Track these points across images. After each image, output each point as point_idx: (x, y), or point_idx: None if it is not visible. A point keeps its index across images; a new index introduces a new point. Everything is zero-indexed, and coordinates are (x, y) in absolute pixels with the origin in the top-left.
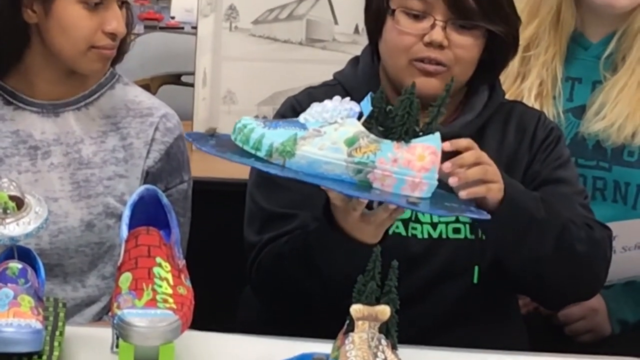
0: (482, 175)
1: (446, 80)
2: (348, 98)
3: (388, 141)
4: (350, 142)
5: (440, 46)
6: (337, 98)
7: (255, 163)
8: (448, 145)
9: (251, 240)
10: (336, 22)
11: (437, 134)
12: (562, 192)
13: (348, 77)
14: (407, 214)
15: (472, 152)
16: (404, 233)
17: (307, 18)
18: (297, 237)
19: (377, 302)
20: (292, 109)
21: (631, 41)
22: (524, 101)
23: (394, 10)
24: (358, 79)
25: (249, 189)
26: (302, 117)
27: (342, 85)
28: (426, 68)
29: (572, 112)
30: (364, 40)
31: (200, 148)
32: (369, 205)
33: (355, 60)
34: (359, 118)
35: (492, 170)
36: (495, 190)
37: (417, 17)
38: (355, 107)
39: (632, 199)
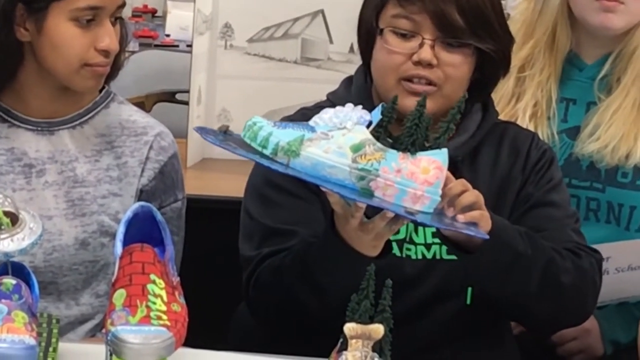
0: (475, 199)
1: (437, 99)
2: (360, 106)
3: (394, 151)
4: (356, 149)
5: (429, 65)
6: (349, 105)
7: (260, 159)
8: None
9: (247, 255)
10: (331, 41)
11: (445, 150)
12: (553, 215)
13: (341, 98)
14: (401, 234)
15: (460, 180)
16: (398, 254)
17: (302, 37)
18: (297, 250)
19: (371, 320)
20: None
21: (626, 63)
22: (519, 122)
23: (382, 30)
24: (351, 100)
25: (245, 206)
26: (312, 121)
27: (335, 106)
28: (415, 88)
29: (566, 133)
30: (358, 60)
31: (206, 138)
32: (369, 215)
33: (348, 81)
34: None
35: (481, 199)
36: (486, 218)
37: (405, 36)
38: (366, 115)
39: (625, 220)
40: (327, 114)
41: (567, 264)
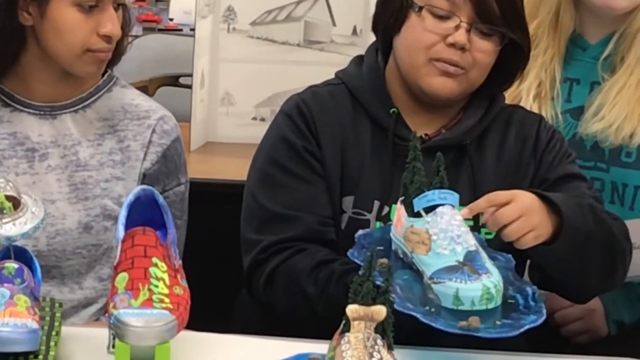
0: (526, 226)
1: (462, 83)
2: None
3: None
4: None
5: (462, 48)
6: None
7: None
8: (467, 212)
9: (250, 237)
10: (334, 24)
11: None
12: (579, 187)
13: (352, 77)
14: None
15: (513, 206)
16: None
17: (305, 20)
18: (330, 283)
19: (374, 302)
20: (297, 108)
21: (630, 42)
22: (523, 102)
23: (420, 8)
24: (362, 79)
25: (248, 187)
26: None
27: (345, 85)
28: (447, 68)
29: (570, 113)
30: (361, 42)
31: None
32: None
33: (358, 60)
34: None
35: (531, 216)
36: (543, 233)
37: (441, 17)
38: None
39: (629, 199)
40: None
41: (617, 229)
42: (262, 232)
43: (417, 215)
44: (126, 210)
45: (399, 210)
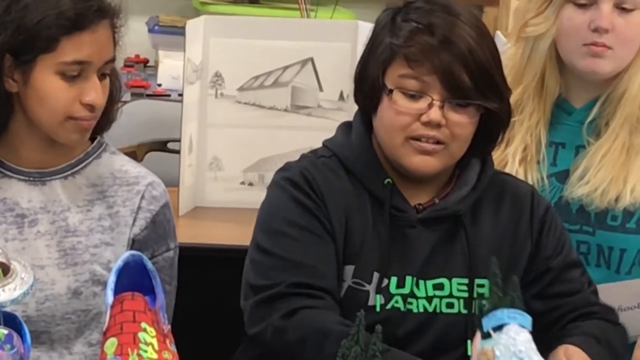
0: None
1: (443, 158)
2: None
3: None
4: None
5: (438, 125)
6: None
7: None
8: None
9: (257, 282)
10: (321, 89)
11: None
12: (575, 276)
13: (342, 148)
14: (407, 289)
15: None
16: (402, 308)
17: (292, 85)
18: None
19: None
20: (301, 175)
21: (614, 106)
22: (508, 166)
23: (391, 90)
24: (353, 150)
25: (256, 246)
26: None
27: (337, 157)
28: (424, 147)
29: (555, 177)
30: (348, 107)
31: None
32: None
33: (346, 127)
34: None
35: None
36: None
37: (413, 96)
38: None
39: (615, 263)
40: None
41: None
42: (272, 278)
43: (488, 335)
44: (115, 276)
45: (475, 335)
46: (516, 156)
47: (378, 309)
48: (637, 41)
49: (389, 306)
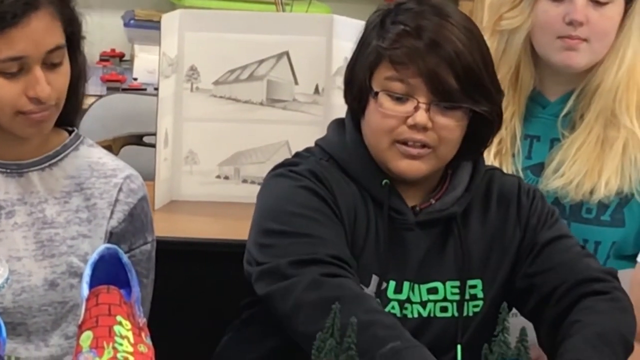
0: None
1: (430, 161)
2: None
3: None
4: None
5: (424, 128)
6: None
7: None
8: None
9: (271, 262)
10: (296, 83)
11: None
12: (566, 246)
13: (338, 149)
14: (404, 295)
15: None
16: (398, 314)
17: (267, 79)
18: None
19: (337, 359)
20: (310, 172)
21: (589, 100)
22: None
23: (377, 93)
24: (348, 151)
25: (259, 227)
26: None
27: (334, 159)
28: (409, 151)
29: (530, 170)
30: (324, 101)
31: None
32: None
33: (338, 127)
34: None
35: None
36: None
37: (399, 99)
38: None
39: None
40: None
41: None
42: (297, 253)
43: None
44: (90, 269)
45: None
46: (491, 149)
47: None
48: (611, 34)
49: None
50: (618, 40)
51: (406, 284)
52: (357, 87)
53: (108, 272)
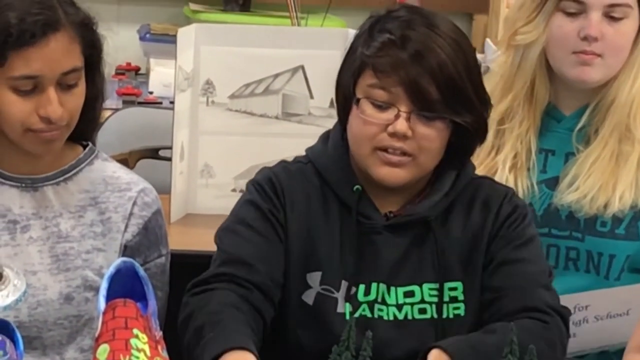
0: None
1: (411, 169)
2: None
3: None
4: None
5: (404, 136)
6: None
7: None
8: None
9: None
10: (312, 96)
11: None
12: (523, 272)
13: (319, 155)
14: (372, 296)
15: None
16: (369, 315)
17: (283, 92)
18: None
19: None
20: (268, 179)
21: (603, 114)
22: (499, 173)
23: (359, 99)
24: (328, 156)
25: (217, 244)
26: None
27: (313, 164)
28: (390, 159)
29: (545, 184)
30: None
31: None
32: None
33: (326, 137)
34: None
35: None
36: None
37: (381, 107)
38: None
39: (604, 269)
40: None
41: (541, 344)
42: (210, 270)
43: None
44: (107, 282)
45: None
46: (506, 163)
47: (347, 316)
48: (625, 49)
49: (357, 314)
50: (633, 55)
51: (374, 285)
52: (342, 94)
53: (124, 285)
